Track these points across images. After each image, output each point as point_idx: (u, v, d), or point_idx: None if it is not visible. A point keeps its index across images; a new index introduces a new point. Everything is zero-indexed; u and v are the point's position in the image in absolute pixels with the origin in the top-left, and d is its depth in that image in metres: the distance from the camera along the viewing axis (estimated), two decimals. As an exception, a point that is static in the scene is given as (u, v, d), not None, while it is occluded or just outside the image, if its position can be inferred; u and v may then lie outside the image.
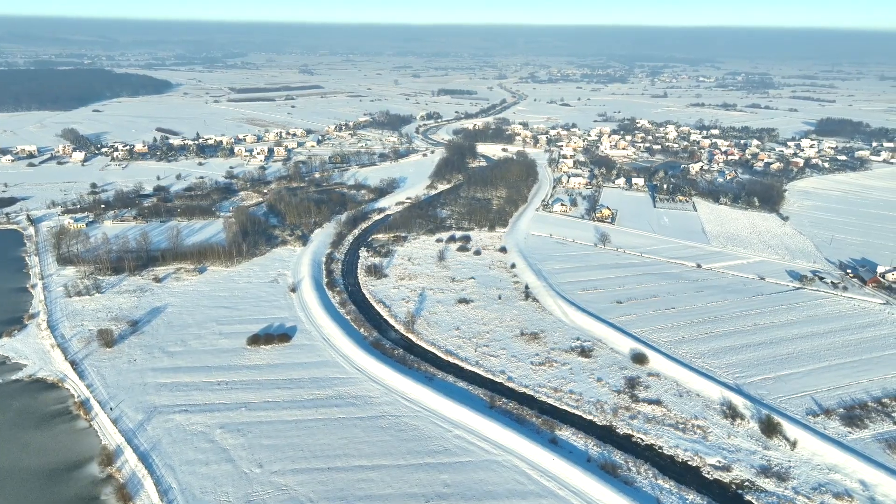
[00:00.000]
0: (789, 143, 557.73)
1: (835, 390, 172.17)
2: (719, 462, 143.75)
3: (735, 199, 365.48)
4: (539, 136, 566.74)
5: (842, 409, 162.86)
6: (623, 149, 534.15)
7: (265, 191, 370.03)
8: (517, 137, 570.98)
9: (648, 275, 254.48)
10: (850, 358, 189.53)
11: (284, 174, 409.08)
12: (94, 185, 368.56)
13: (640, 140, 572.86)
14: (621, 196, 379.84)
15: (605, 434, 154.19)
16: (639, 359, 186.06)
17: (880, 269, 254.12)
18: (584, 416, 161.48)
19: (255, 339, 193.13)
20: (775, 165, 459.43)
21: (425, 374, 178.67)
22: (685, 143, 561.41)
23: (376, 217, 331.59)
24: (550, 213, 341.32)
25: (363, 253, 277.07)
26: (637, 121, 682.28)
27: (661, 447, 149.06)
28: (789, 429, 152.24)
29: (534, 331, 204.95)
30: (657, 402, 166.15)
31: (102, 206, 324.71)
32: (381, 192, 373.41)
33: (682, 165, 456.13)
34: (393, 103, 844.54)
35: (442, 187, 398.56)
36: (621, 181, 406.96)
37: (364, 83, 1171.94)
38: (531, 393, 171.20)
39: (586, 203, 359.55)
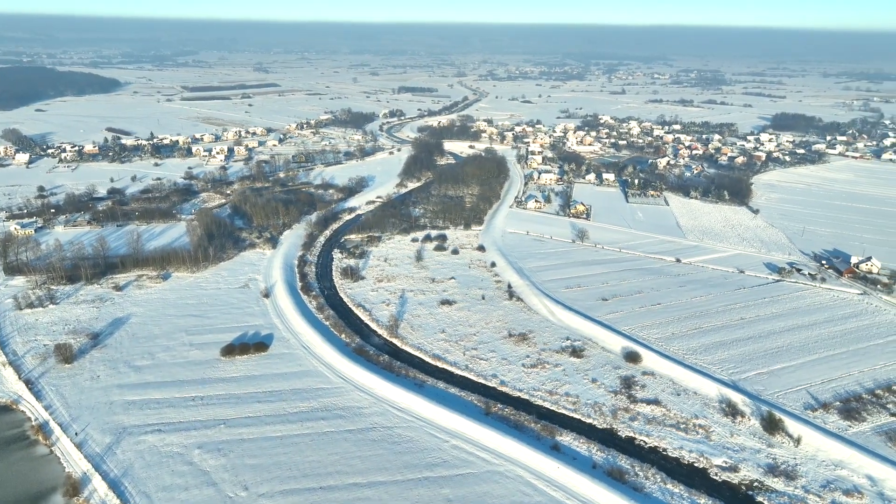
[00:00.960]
0: (749, 138, 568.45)
1: (828, 383, 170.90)
2: (726, 462, 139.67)
3: (705, 193, 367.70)
4: (505, 133, 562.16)
5: (838, 403, 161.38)
6: (589, 144, 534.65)
7: (228, 191, 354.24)
8: (483, 134, 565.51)
9: (630, 270, 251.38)
10: (837, 350, 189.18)
11: (247, 174, 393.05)
12: (41, 189, 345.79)
13: (605, 136, 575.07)
14: (593, 192, 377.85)
15: (607, 437, 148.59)
16: (632, 357, 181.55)
17: (854, 260, 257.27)
18: (583, 419, 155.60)
19: (230, 350, 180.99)
20: (739, 159, 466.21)
21: (414, 380, 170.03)
22: (649, 138, 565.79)
23: (347, 217, 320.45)
24: (525, 210, 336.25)
25: (337, 254, 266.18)
26: (600, 117, 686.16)
27: (665, 449, 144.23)
28: (791, 425, 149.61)
29: (522, 331, 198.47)
30: (656, 402, 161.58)
31: (52, 210, 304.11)
32: (351, 191, 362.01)
33: (650, 160, 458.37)
34: (354, 101, 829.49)
35: (412, 185, 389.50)
36: (591, 177, 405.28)
37: (322, 81, 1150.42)
38: (526, 397, 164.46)
39: (560, 199, 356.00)
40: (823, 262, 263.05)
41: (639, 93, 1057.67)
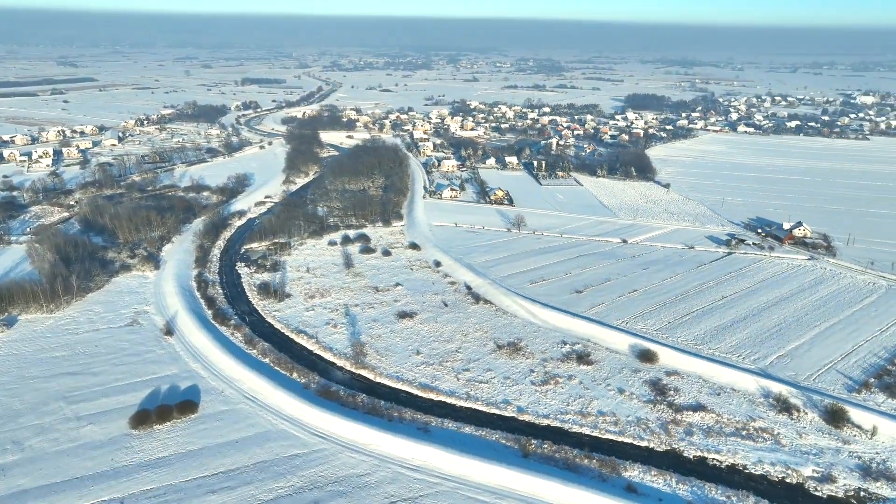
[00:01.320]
0: (616, 117, 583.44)
1: (848, 358, 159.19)
2: (816, 472, 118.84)
3: (611, 171, 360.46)
4: (383, 122, 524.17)
5: (872, 379, 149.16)
6: (471, 129, 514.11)
7: (70, 202, 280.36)
8: (357, 123, 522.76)
9: (585, 257, 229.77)
10: (831, 320, 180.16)
11: (90, 179, 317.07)
12: None
13: (482, 120, 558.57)
14: (501, 176, 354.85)
15: (676, 462, 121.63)
16: (647, 357, 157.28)
17: (786, 226, 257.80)
18: (636, 442, 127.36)
19: (143, 418, 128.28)
20: (622, 137, 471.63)
21: (414, 423, 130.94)
22: (524, 121, 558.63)
23: (238, 223, 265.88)
24: (441, 200, 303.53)
25: (243, 269, 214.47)
26: (468, 102, 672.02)
27: (745, 466, 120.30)
28: (855, 414, 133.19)
29: (510, 340, 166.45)
30: (701, 408, 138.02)
31: None
32: (232, 192, 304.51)
33: (542, 142, 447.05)
34: (194, 94, 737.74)
35: (301, 181, 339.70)
36: (492, 161, 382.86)
37: (148, 75, 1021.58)
38: (557, 424, 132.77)
39: (473, 186, 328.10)
40: (759, 230, 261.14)
41: (491, 80, 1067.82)
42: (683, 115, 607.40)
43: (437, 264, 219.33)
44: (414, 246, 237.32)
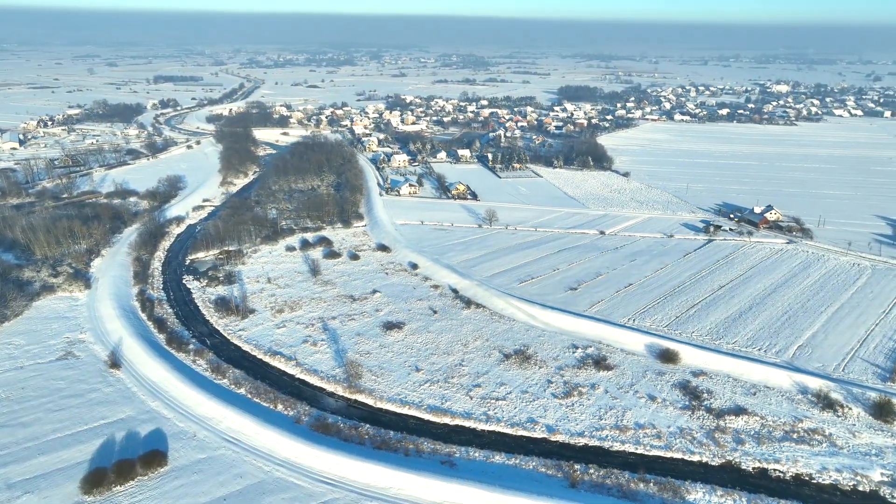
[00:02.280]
0: (555, 108, 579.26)
1: (865, 344, 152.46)
2: (885, 476, 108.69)
3: (567, 162, 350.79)
4: (319, 117, 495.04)
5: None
6: (412, 123, 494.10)
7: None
8: (291, 120, 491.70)
9: (566, 251, 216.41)
10: (834, 305, 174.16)
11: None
12: None
13: (421, 114, 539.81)
14: (455, 170, 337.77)
15: (735, 477, 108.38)
16: (667, 357, 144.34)
17: (757, 210, 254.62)
18: (686, 457, 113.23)
19: (98, 478, 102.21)
20: (567, 127, 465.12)
21: (436, 457, 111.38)
22: (464, 115, 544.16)
23: (177, 230, 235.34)
24: (400, 197, 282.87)
25: (193, 283, 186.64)
26: (402, 97, 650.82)
27: (811, 476, 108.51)
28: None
29: (516, 348, 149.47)
30: (742, 411, 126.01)
31: None
32: (163, 196, 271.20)
33: (490, 134, 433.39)
34: (101, 93, 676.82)
35: (241, 182, 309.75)
36: (443, 155, 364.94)
37: (46, 74, 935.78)
38: (595, 443, 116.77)
39: (431, 181, 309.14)
40: (731, 216, 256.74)
41: (419, 75, 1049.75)
42: (619, 105, 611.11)
43: (414, 266, 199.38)
44: (383, 248, 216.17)
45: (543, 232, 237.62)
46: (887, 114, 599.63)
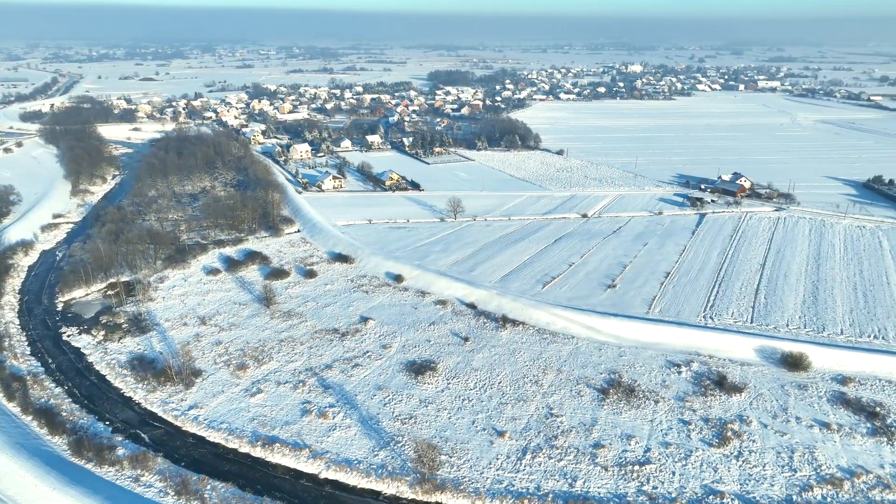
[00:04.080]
0: (437, 92, 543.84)
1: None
2: None
3: (491, 143, 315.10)
4: (177, 110, 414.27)
5: None
6: (290, 112, 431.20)
7: None
8: (139, 114, 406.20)
9: (563, 240, 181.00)
10: (872, 276, 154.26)
11: None
12: None
13: (296, 102, 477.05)
14: (372, 158, 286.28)
15: None
16: (794, 363, 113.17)
17: (726, 178, 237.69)
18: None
19: None
20: (465, 109, 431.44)
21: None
22: (341, 101, 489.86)
23: (26, 261, 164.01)
24: (324, 193, 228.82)
25: (80, 338, 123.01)
26: (264, 86, 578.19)
27: None
28: None
29: (604, 377, 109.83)
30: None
31: None
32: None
33: (391, 119, 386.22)
34: None
35: (100, 189, 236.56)
36: (347, 143, 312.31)
37: None
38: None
39: (353, 172, 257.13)
40: (702, 186, 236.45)
41: (267, 66, 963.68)
42: (497, 87, 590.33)
43: (397, 279, 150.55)
44: (340, 257, 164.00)
45: (520, 221, 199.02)
46: (741, 87, 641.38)
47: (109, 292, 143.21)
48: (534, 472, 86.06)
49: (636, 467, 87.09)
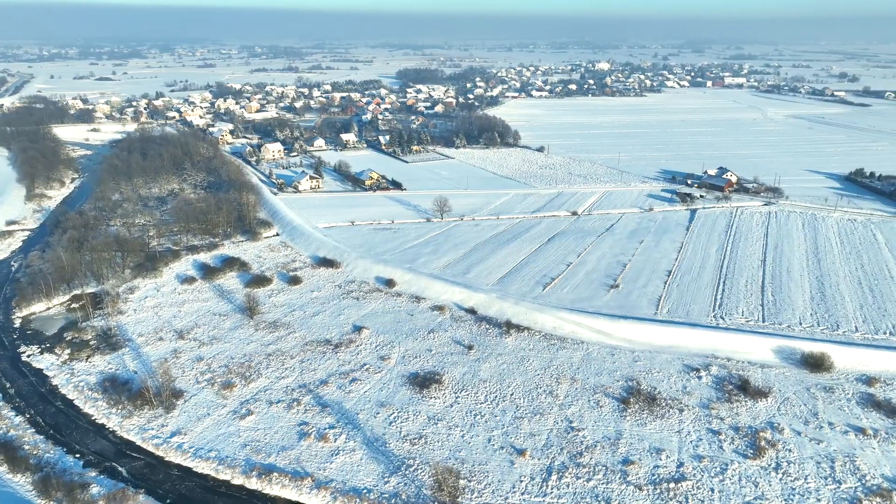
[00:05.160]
0: (409, 91, 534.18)
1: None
2: None
3: (470, 141, 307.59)
4: (138, 109, 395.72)
5: None
6: (257, 111, 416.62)
7: None
8: (97, 114, 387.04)
9: (556, 239, 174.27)
10: (874, 270, 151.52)
11: None
12: None
13: (263, 101, 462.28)
14: (348, 157, 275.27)
15: None
16: (816, 364, 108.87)
17: (711, 173, 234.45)
18: None
19: None
20: (439, 107, 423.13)
21: None
22: (313, 100, 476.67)
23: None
24: (301, 194, 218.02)
25: (43, 358, 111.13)
26: (229, 85, 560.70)
27: None
28: None
29: (622, 385, 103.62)
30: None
31: None
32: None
33: (365, 117, 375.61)
34: None
35: (58, 193, 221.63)
36: (321, 143, 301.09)
37: None
38: (871, 527, 74.28)
39: (329, 172, 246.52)
40: (688, 182, 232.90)
41: (229, 65, 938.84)
42: (469, 85, 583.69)
43: (388, 283, 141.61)
44: (325, 262, 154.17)
45: (509, 220, 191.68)
46: (709, 84, 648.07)
47: (74, 305, 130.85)
48: (563, 495, 78.44)
49: (671, 485, 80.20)
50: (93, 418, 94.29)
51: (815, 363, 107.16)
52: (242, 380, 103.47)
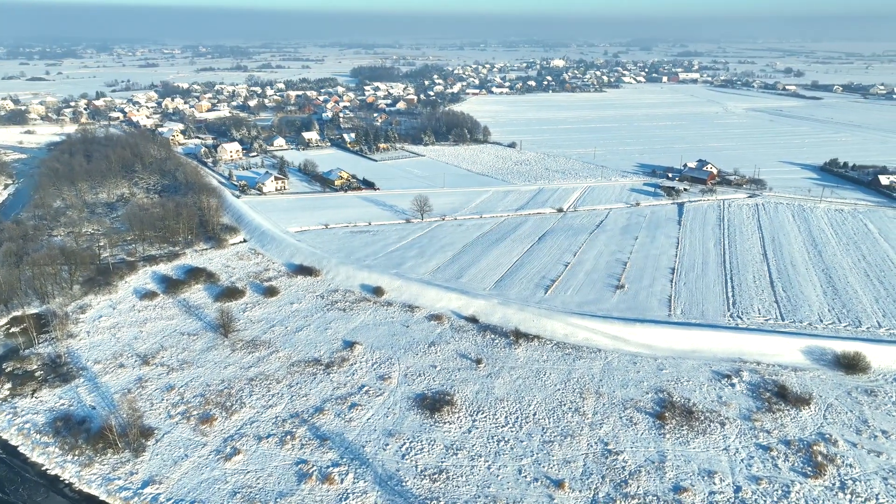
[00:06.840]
0: (366, 89, 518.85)
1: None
2: None
3: (438, 137, 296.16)
4: (77, 110, 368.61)
5: None
6: (208, 111, 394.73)
7: None
8: (30, 115, 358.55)
9: (547, 237, 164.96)
10: (877, 261, 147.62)
11: None
12: None
13: (214, 101, 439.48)
14: (311, 157, 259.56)
15: None
16: (851, 365, 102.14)
17: (691, 165, 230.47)
18: None
19: None
20: (400, 104, 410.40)
21: None
22: (262, 98, 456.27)
23: None
24: (266, 196, 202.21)
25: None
26: (176, 84, 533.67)
27: None
28: None
29: (652, 397, 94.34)
30: None
31: None
32: None
33: (325, 115, 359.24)
34: None
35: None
36: (281, 142, 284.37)
37: None
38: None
39: (294, 172, 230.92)
40: (669, 175, 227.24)
41: (173, 65, 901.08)
42: (427, 82, 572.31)
43: (376, 292, 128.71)
44: (303, 270, 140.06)
45: (493, 218, 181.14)
46: (664, 79, 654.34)
47: (13, 329, 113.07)
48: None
49: (733, 517, 70.50)
50: (43, 468, 78.57)
51: (850, 364, 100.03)
52: (223, 411, 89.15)
